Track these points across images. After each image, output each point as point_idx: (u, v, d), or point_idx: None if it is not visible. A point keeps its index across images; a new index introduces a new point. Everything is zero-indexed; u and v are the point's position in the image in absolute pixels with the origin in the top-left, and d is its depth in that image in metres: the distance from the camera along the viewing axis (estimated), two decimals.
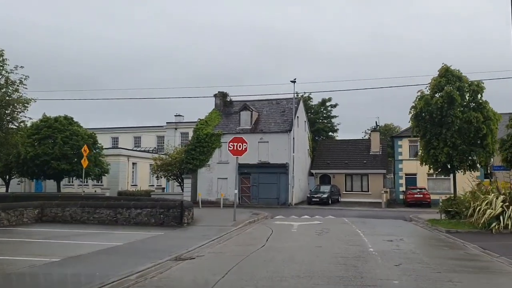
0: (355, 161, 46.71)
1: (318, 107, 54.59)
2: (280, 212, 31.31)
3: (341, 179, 46.18)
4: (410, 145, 44.61)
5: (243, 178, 42.33)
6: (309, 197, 41.88)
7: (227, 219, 23.31)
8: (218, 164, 42.85)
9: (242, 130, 42.79)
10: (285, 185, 41.05)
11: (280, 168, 41.19)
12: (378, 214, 30.10)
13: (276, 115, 43.91)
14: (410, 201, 39.60)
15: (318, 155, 48.69)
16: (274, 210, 33.89)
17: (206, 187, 42.97)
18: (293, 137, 41.32)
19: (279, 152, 41.33)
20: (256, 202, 41.50)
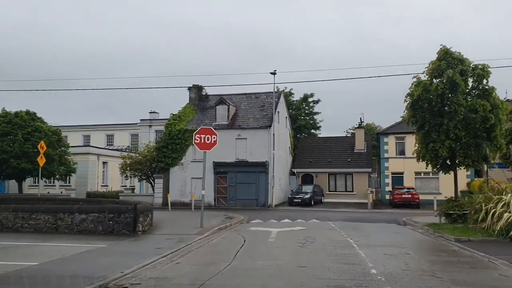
0: (339, 160, 43.03)
1: (300, 103, 50.80)
2: (258, 215, 27.34)
3: (324, 179, 42.45)
4: (396, 142, 41.08)
5: (219, 177, 38.27)
6: (290, 197, 38.02)
7: (194, 225, 19.25)
8: (192, 162, 38.70)
9: (218, 125, 38.71)
10: (264, 185, 37.13)
11: (259, 166, 37.25)
12: (366, 217, 26.32)
13: (255, 110, 39.96)
14: (398, 201, 36.01)
15: (300, 153, 44.89)
16: (251, 213, 29.91)
17: (179, 187, 38.78)
18: (273, 133, 37.42)
19: (258, 149, 37.39)
20: (233, 204, 37.47)
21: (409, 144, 40.65)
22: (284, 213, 29.98)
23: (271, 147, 37.23)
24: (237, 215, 26.02)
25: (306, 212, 30.93)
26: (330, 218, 24.93)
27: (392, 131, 41.48)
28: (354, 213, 30.40)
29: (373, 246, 14.14)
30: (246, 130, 37.94)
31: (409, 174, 40.40)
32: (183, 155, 38.87)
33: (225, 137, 38.64)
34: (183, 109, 41.32)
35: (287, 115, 43.90)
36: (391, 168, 40.88)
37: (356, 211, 33.42)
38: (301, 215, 27.45)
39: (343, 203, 39.30)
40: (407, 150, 40.57)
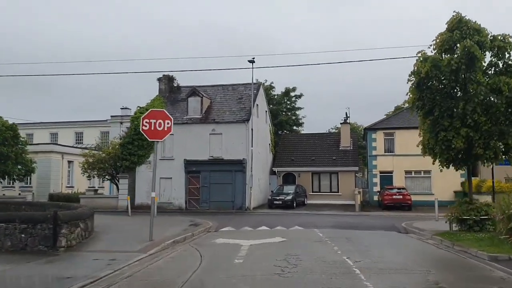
0: (323, 158, 38.57)
1: (281, 97, 46.23)
2: (232, 221, 22.64)
3: (308, 178, 37.92)
4: (385, 138, 36.77)
5: (191, 177, 33.44)
6: (270, 199, 33.39)
7: (142, 237, 14.44)
8: (161, 160, 33.76)
9: (190, 119, 33.93)
10: (242, 185, 32.44)
11: (236, 165, 32.56)
12: (358, 222, 21.79)
13: (232, 102, 35.25)
14: (388, 203, 31.64)
15: (281, 151, 40.32)
16: (225, 218, 25.21)
17: (146, 188, 33.82)
18: (252, 128, 32.77)
19: (234, 146, 32.70)
20: (206, 207, 32.69)
21: (399, 140, 36.42)
22: (262, 217, 25.31)
23: (249, 143, 32.59)
24: (206, 221, 21.26)
25: (287, 216, 26.33)
26: (316, 224, 20.32)
27: (381, 126, 37.19)
28: (342, 216, 25.89)
29: (383, 271, 9.51)
30: (221, 125, 33.22)
31: (398, 173, 36.15)
32: (151, 152, 33.94)
33: (198, 132, 33.92)
34: (151, 102, 36.32)
35: (267, 109, 39.29)
36: (379, 167, 36.57)
37: (343, 214, 28.95)
38: (281, 220, 22.81)
39: (328, 205, 34.85)
40: (397, 147, 36.36)
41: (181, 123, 33.65)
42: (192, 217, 24.23)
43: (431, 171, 35.60)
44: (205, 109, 34.52)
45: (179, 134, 33.63)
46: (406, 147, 36.07)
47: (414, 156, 37.01)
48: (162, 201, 33.55)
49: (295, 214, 27.89)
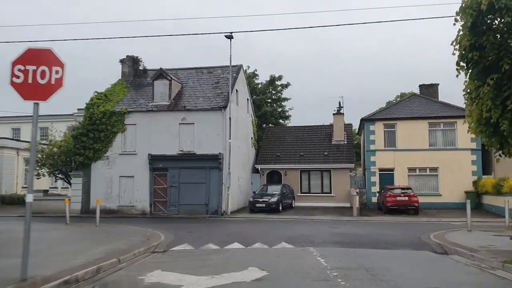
0: (313, 153, 32.23)
1: (266, 87, 39.82)
2: (197, 233, 16.15)
3: (295, 177, 31.53)
4: (385, 130, 30.54)
5: (156, 176, 26.80)
6: (251, 202, 26.87)
7: (13, 274, 7.82)
8: (121, 155, 27.13)
9: (156, 106, 27.31)
10: (217, 185, 25.92)
11: (211, 161, 26.04)
12: (366, 234, 15.37)
13: (207, 87, 28.70)
14: (391, 206, 25.34)
15: (265, 146, 33.88)
16: (192, 227, 18.76)
17: (103, 189, 27.10)
18: (230, 117, 26.29)
19: (209, 138, 26.19)
20: (174, 211, 26.08)
21: (401, 133, 30.23)
22: (239, 226, 18.85)
23: (227, 135, 26.11)
24: (158, 234, 14.72)
25: (272, 224, 19.87)
26: (311, 238, 13.86)
27: (380, 116, 30.97)
28: (340, 224, 19.53)
29: None
30: (193, 113, 26.66)
31: (401, 171, 29.94)
32: (109, 145, 27.23)
33: (165, 122, 27.25)
34: (112, 87, 29.65)
35: (248, 97, 32.78)
36: (378, 163, 30.32)
37: (339, 219, 22.64)
38: (263, 230, 16.36)
39: (320, 208, 28.52)
40: (399, 141, 30.16)
41: (145, 111, 27.02)
42: (149, 226, 17.66)
43: (438, 168, 29.54)
44: (175, 94, 27.93)
45: (143, 124, 26.99)
46: (409, 141, 29.93)
47: (418, 151, 31.03)
48: (123, 204, 26.90)
49: (281, 221, 21.48)
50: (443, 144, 29.83)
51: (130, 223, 21.33)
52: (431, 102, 31.62)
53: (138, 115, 27.00)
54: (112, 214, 26.22)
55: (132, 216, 25.47)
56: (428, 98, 32.06)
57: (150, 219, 24.61)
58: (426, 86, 33.68)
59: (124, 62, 30.39)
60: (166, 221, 23.14)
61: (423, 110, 30.76)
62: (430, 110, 30.66)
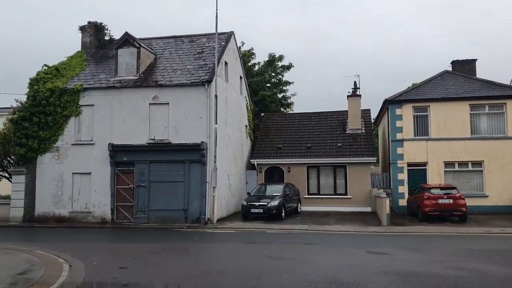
0: (324, 145, 25.65)
1: (264, 67, 33.24)
2: (142, 264, 9.73)
3: (301, 174, 24.95)
4: (415, 115, 23.98)
5: (120, 172, 20.24)
6: (245, 206, 20.20)
7: None
8: (74, 146, 20.58)
9: (119, 82, 20.72)
10: (199, 184, 19.35)
11: (191, 152, 19.48)
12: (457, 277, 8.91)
13: (187, 58, 22.12)
14: (431, 211, 18.74)
15: (263, 136, 27.31)
16: (155, 246, 12.39)
17: (52, 189, 20.56)
18: (216, 94, 19.67)
19: (189, 123, 19.66)
20: (143, 219, 19.53)
21: (436, 117, 23.69)
22: (223, 247, 12.41)
23: (212, 118, 19.52)
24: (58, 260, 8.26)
25: (272, 242, 13.33)
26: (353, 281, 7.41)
27: (409, 97, 24.38)
28: (377, 242, 13.06)
29: None
30: (168, 90, 20.09)
31: (435, 166, 23.36)
32: (60, 133, 20.69)
33: (132, 102, 20.62)
34: (67, 59, 23.13)
35: (242, 75, 26.15)
36: (407, 157, 23.73)
37: (367, 232, 16.17)
38: (259, 264, 9.86)
39: (333, 214, 22.03)
40: (433, 128, 23.61)
41: (105, 87, 20.44)
42: (57, 249, 11.11)
43: (482, 162, 23.01)
44: (145, 67, 21.40)
45: (103, 105, 20.47)
46: (446, 128, 23.41)
47: (457, 140, 24.10)
48: (77, 210, 20.40)
49: (286, 237, 14.92)
50: (489, 132, 23.28)
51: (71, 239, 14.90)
52: (470, 79, 25.03)
53: (96, 93, 20.45)
54: (63, 222, 19.77)
55: (88, 226, 18.99)
56: (466, 76, 25.49)
57: (108, 230, 18.14)
58: (461, 62, 27.06)
59: (85, 29, 23.88)
60: (124, 235, 16.67)
61: (461, 89, 24.19)
62: (471, 89, 24.09)
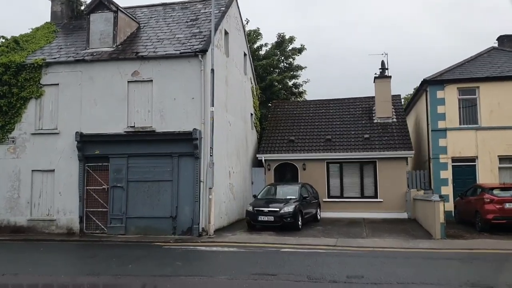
0: (347, 136, 21.00)
1: (272, 50, 28.59)
2: None
3: (320, 172, 20.30)
4: (461, 98, 19.30)
5: (90, 169, 15.72)
6: (251, 212, 15.54)
7: None
8: (34, 136, 16.10)
9: (91, 54, 16.25)
10: (192, 185, 14.79)
11: (181, 142, 14.93)
12: None
13: (178, 26, 17.55)
14: (496, 218, 14.14)
15: (272, 127, 22.70)
16: (121, 274, 7.80)
17: (6, 191, 16.07)
18: (212, 68, 15.09)
19: (178, 105, 15.12)
20: (120, 229, 15.00)
21: (486, 101, 18.99)
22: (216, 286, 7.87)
23: (208, 99, 14.94)
24: None
25: (292, 275, 8.72)
26: None
27: (452, 77, 19.70)
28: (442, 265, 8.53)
29: None
30: (152, 63, 15.55)
31: (487, 161, 18.65)
32: (16, 120, 16.22)
33: (106, 80, 15.92)
34: (32, 31, 18.75)
35: (247, 52, 21.58)
36: (452, 150, 19.06)
37: (419, 250, 11.59)
38: None
39: (360, 222, 17.44)
40: (483, 114, 18.94)
41: (73, 61, 15.96)
42: None
43: None
44: (125, 37, 16.94)
45: (70, 83, 16.02)
46: (499, 114, 18.73)
47: None
48: (37, 217, 15.93)
49: (308, 257, 10.35)
50: None
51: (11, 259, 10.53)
52: None
53: (62, 69, 15.99)
54: (20, 233, 15.34)
55: (49, 239, 14.56)
56: None
57: (70, 247, 13.69)
58: (510, 37, 22.41)
59: None
60: (85, 257, 12.22)
61: None
62: None
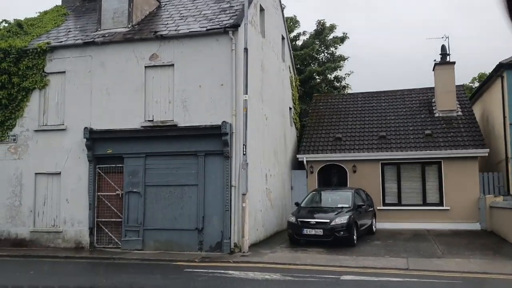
0: (405, 133, 17.70)
1: (311, 39, 25.56)
2: None
3: (373, 175, 17.05)
4: None
5: (102, 171, 13.21)
6: (294, 224, 12.57)
7: None
8: (38, 134, 13.72)
9: (104, 35, 13.81)
10: (221, 190, 12.01)
11: (208, 140, 12.16)
12: None
13: (203, 2, 14.74)
14: None
15: (313, 124, 19.63)
16: None
17: (6, 198, 13.71)
18: (245, 47, 12.27)
19: (203, 93, 12.39)
20: (136, 244, 12.35)
21: None
22: None
23: (240, 85, 12.14)
24: None
25: None
26: None
27: None
28: None
29: None
30: (173, 44, 12.88)
31: None
32: (18, 115, 13.89)
33: (119, 65, 12.80)
34: (39, 15, 16.52)
35: (285, 35, 18.65)
36: None
37: None
38: None
39: (423, 235, 14.15)
40: None
41: (81, 45, 13.50)
42: None
43: None
44: (143, 17, 14.40)
45: (78, 70, 13.56)
46: None
47: None
48: (41, 228, 13.47)
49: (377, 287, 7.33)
50: None
51: None
52: None
53: (69, 53, 13.58)
54: (21, 247, 12.95)
55: (52, 256, 12.12)
56: None
57: (75, 268, 11.14)
58: None
59: None
60: (93, 280, 9.63)
61: None
62: None
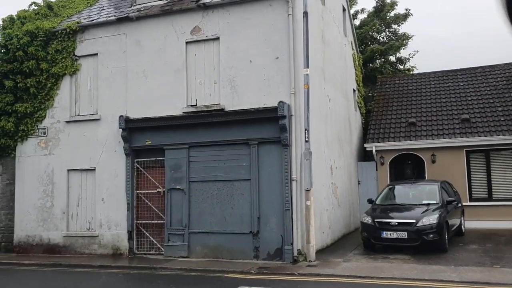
0: (492, 114, 14.74)
1: (370, 17, 22.80)
2: None
3: (456, 166, 14.21)
4: None
5: (141, 166, 11.38)
6: (371, 226, 10.09)
7: None
8: (70, 125, 12.12)
9: (139, 10, 12.02)
10: (279, 185, 9.81)
11: (262, 125, 9.99)
12: None
13: None
14: None
15: (381, 108, 16.90)
16: None
17: (37, 198, 12.24)
18: (305, 11, 10.03)
19: (255, 70, 10.22)
20: (181, 249, 10.42)
21: None
22: None
23: (299, 57, 9.88)
24: None
25: None
26: None
27: None
28: None
29: None
30: (218, 14, 10.82)
31: None
32: (48, 105, 12.36)
33: (157, 42, 10.69)
34: None
35: (346, 6, 16.09)
36: None
37: None
38: None
39: None
40: None
41: (114, 22, 11.72)
42: None
43: None
44: None
45: (112, 51, 11.77)
46: None
47: None
48: (75, 232, 11.78)
49: None
50: None
51: None
52: None
53: (102, 33, 11.87)
54: (54, 254, 11.39)
55: (86, 265, 10.49)
56: None
57: (110, 280, 9.34)
58: None
59: None
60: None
61: None
62: None
